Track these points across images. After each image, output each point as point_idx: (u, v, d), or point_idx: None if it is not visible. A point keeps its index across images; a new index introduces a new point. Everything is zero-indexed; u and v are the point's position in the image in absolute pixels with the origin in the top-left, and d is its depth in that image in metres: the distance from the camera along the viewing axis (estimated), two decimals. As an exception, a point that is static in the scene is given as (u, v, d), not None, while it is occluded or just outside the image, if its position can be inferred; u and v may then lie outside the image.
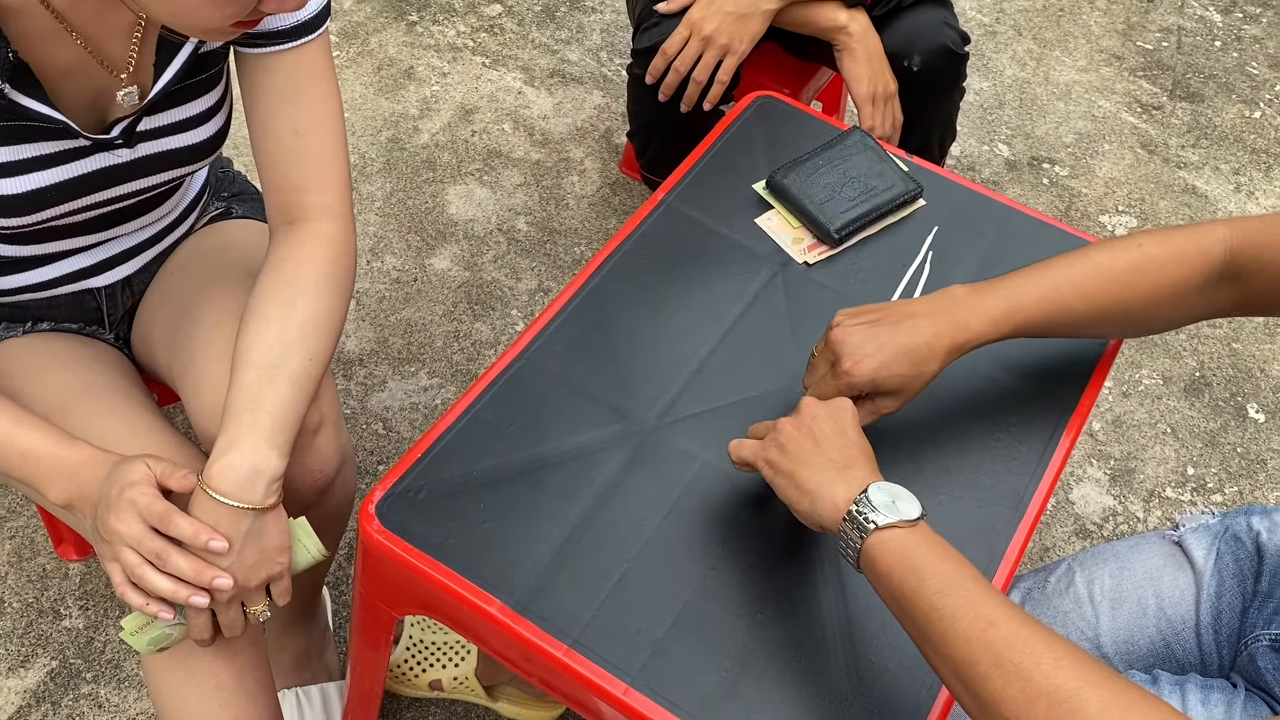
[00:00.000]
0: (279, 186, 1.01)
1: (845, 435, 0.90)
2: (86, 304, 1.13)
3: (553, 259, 1.98)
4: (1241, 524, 1.10)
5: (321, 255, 0.98)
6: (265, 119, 0.99)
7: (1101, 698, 0.68)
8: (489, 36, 2.35)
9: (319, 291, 0.97)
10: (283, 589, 0.96)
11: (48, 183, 0.93)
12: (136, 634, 0.94)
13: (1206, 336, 2.02)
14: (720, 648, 0.89)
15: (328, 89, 1.01)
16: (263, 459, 0.90)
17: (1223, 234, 0.99)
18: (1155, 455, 1.84)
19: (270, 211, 1.03)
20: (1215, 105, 2.45)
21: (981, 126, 2.33)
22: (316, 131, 0.99)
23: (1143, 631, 1.08)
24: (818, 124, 1.31)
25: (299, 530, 0.97)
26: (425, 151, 2.12)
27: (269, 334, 0.94)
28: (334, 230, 1.00)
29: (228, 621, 0.94)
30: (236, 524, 0.90)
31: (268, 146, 1.00)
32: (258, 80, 0.99)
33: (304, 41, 0.98)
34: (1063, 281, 0.99)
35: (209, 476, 0.90)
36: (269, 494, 0.91)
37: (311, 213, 1.00)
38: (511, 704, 1.40)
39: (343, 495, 1.15)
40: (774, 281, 1.15)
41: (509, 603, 0.90)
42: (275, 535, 0.93)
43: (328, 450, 1.07)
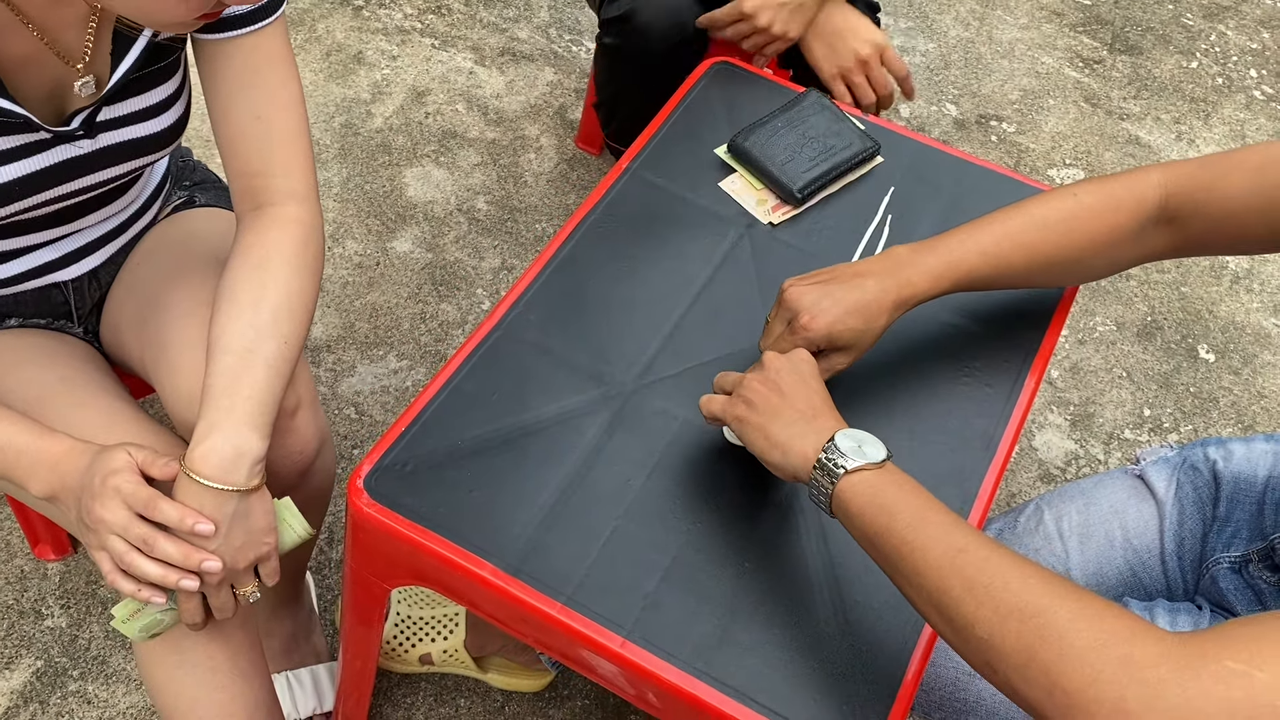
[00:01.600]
0: (243, 172, 1.00)
1: (808, 385, 0.92)
2: (54, 298, 1.12)
3: (514, 237, 1.98)
4: (1199, 454, 1.15)
5: (290, 239, 0.99)
6: (226, 105, 0.99)
7: (1070, 609, 0.70)
8: (436, 18, 2.35)
9: (290, 274, 0.98)
10: (271, 569, 0.97)
11: (9, 178, 0.93)
12: (128, 621, 0.95)
13: (1156, 282, 2.07)
14: (711, 597, 0.92)
15: (288, 73, 1.01)
16: (244, 441, 0.91)
17: (1157, 179, 1.02)
18: (1113, 399, 1.89)
19: (235, 198, 1.02)
20: (1154, 57, 2.51)
21: (929, 87, 2.37)
22: (278, 115, 0.99)
23: (1111, 563, 1.13)
24: (774, 87, 1.33)
25: (284, 511, 0.98)
26: (379, 135, 2.11)
27: (242, 319, 0.94)
28: (301, 213, 1.01)
29: (218, 604, 0.95)
30: (221, 507, 0.91)
31: (230, 132, 1.00)
32: (217, 67, 0.98)
33: (261, 26, 0.98)
34: (1001, 236, 1.03)
35: (191, 461, 0.90)
36: (252, 476, 0.92)
37: (277, 197, 1.00)
38: (501, 674, 1.42)
39: (323, 477, 1.16)
40: (741, 243, 1.17)
41: (501, 566, 0.92)
42: (261, 516, 0.94)
43: (307, 432, 1.07)
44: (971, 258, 1.02)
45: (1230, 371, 1.96)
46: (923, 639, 0.91)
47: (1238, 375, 1.95)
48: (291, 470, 1.09)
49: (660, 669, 0.88)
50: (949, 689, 1.03)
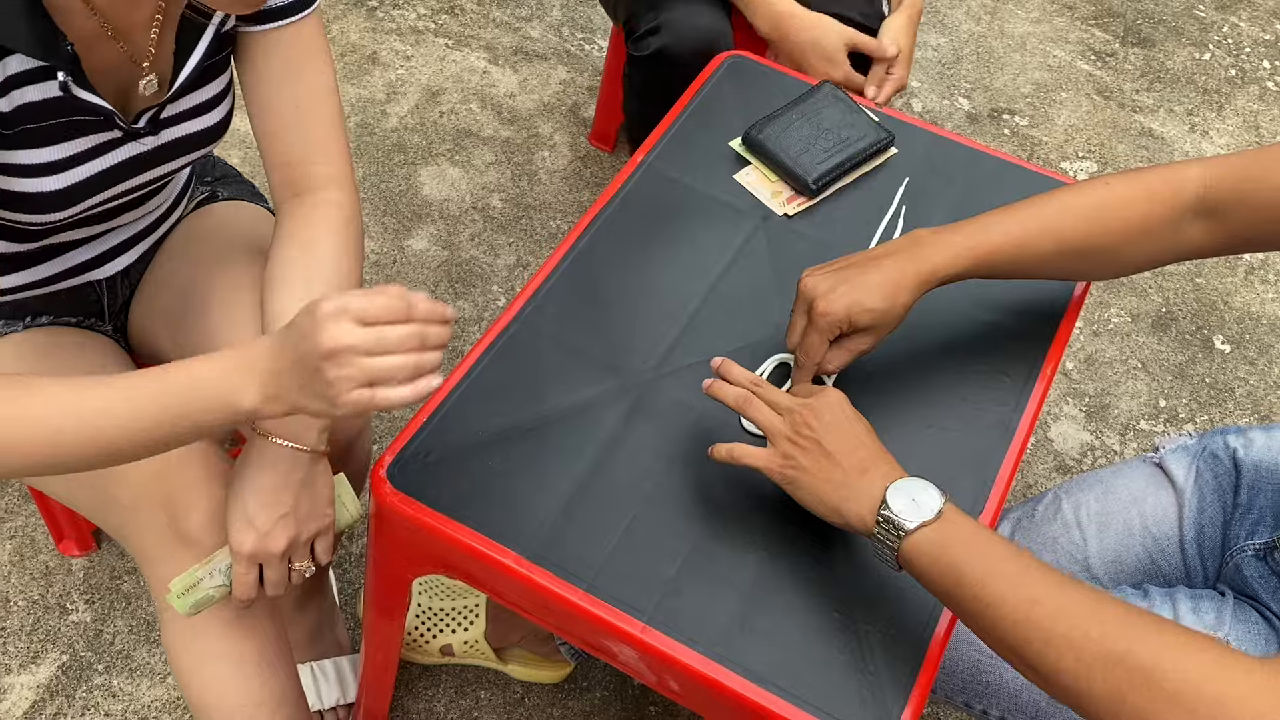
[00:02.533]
0: (284, 162, 1.03)
1: (849, 432, 0.90)
2: (88, 296, 1.14)
3: (529, 234, 2.00)
4: (1218, 443, 1.15)
5: (333, 221, 1.01)
6: (267, 96, 1.01)
7: (1152, 649, 0.70)
8: (450, 18, 2.36)
9: (337, 255, 1.00)
10: (327, 545, 0.99)
11: (83, 177, 0.95)
12: (183, 596, 0.96)
13: (1171, 273, 2.07)
14: (730, 583, 0.93)
15: (324, 62, 1.03)
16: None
17: (1195, 173, 0.99)
18: (1128, 390, 1.89)
19: (275, 187, 1.04)
20: (1166, 49, 2.50)
21: (941, 81, 2.37)
22: (317, 105, 1.01)
23: (1129, 550, 1.13)
24: (788, 80, 1.34)
25: (340, 487, 1.01)
26: (395, 135, 2.13)
27: (295, 297, 0.96)
28: (342, 198, 1.03)
29: (274, 578, 0.97)
30: (295, 469, 0.94)
31: (270, 124, 1.02)
32: (257, 59, 1.01)
33: (301, 17, 1.00)
34: (1028, 219, 1.01)
35: (266, 426, 0.93)
36: (320, 441, 0.95)
37: (318, 183, 1.02)
38: (521, 665, 1.43)
39: (362, 456, 1.19)
40: (756, 234, 1.18)
41: (524, 553, 0.93)
42: (324, 486, 0.97)
43: None
44: (995, 238, 0.99)
45: (1246, 362, 1.95)
46: (942, 624, 0.92)
47: (1253, 366, 1.95)
48: (336, 446, 1.11)
49: (681, 654, 0.89)
50: (970, 672, 1.04)
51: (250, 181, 1.31)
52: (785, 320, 1.10)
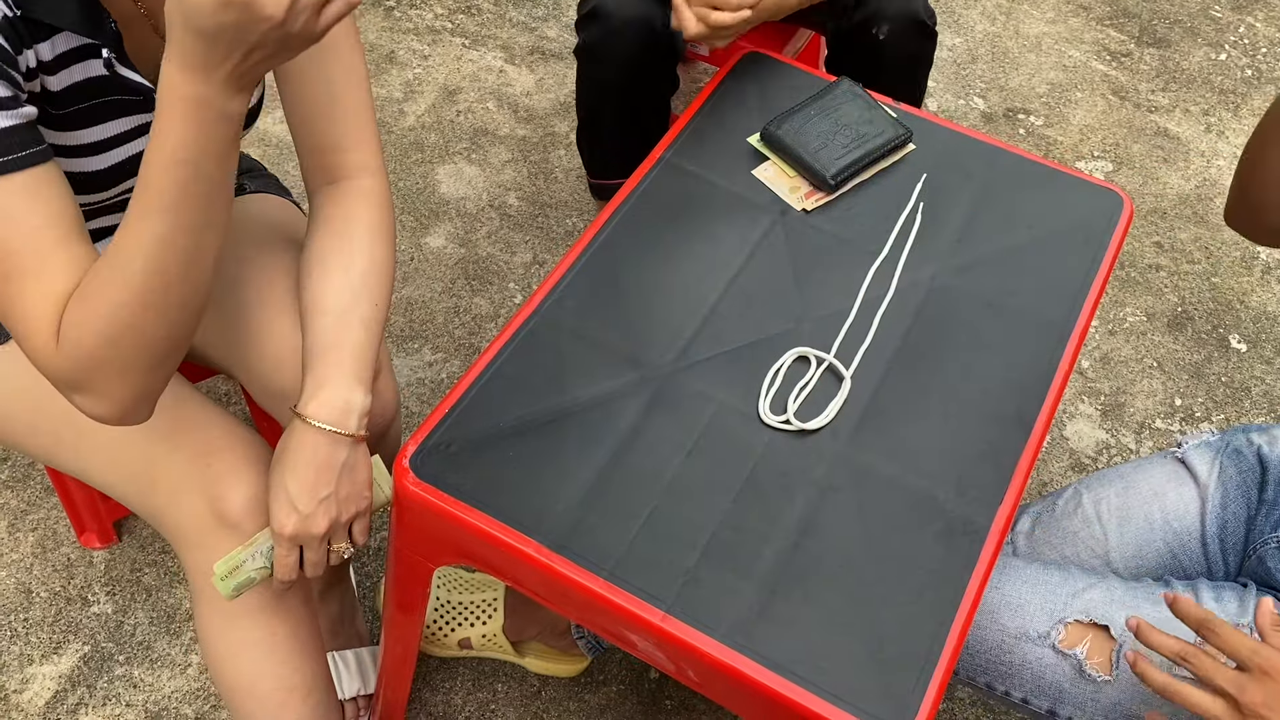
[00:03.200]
0: (318, 149, 1.04)
1: None
2: None
3: (545, 232, 2.01)
4: (1241, 440, 1.15)
5: (368, 208, 1.03)
6: (300, 84, 1.02)
7: None
8: (466, 18, 2.37)
9: (372, 241, 1.02)
10: (364, 526, 1.01)
11: (126, 156, 0.96)
12: (226, 578, 0.98)
13: (1186, 272, 2.07)
14: (749, 573, 0.93)
15: (356, 47, 1.04)
16: (352, 393, 0.96)
17: None
18: (1144, 389, 1.89)
19: (307, 174, 1.06)
20: (1182, 49, 2.50)
21: (956, 81, 2.37)
22: (349, 92, 1.03)
23: (1150, 545, 1.13)
24: (805, 76, 1.35)
25: (377, 471, 1.03)
26: (412, 134, 2.14)
27: (335, 282, 0.99)
28: (374, 185, 1.05)
29: (314, 559, 0.98)
30: (336, 453, 0.95)
31: (304, 111, 1.03)
32: None
33: None
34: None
35: (307, 410, 0.95)
36: (360, 426, 0.97)
37: (352, 170, 1.04)
38: (539, 659, 1.43)
39: (395, 441, 1.22)
40: (774, 229, 1.19)
41: (545, 542, 0.93)
42: (363, 469, 0.99)
43: (387, 394, 1.12)
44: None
45: (1263, 361, 1.95)
46: (961, 614, 0.92)
47: (1270, 365, 1.95)
48: (373, 430, 1.13)
49: (700, 642, 0.89)
50: (994, 652, 1.04)
51: (274, 175, 1.32)
52: (803, 314, 1.11)
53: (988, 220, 1.22)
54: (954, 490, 1.00)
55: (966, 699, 1.52)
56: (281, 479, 0.95)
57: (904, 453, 1.02)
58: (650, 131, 1.65)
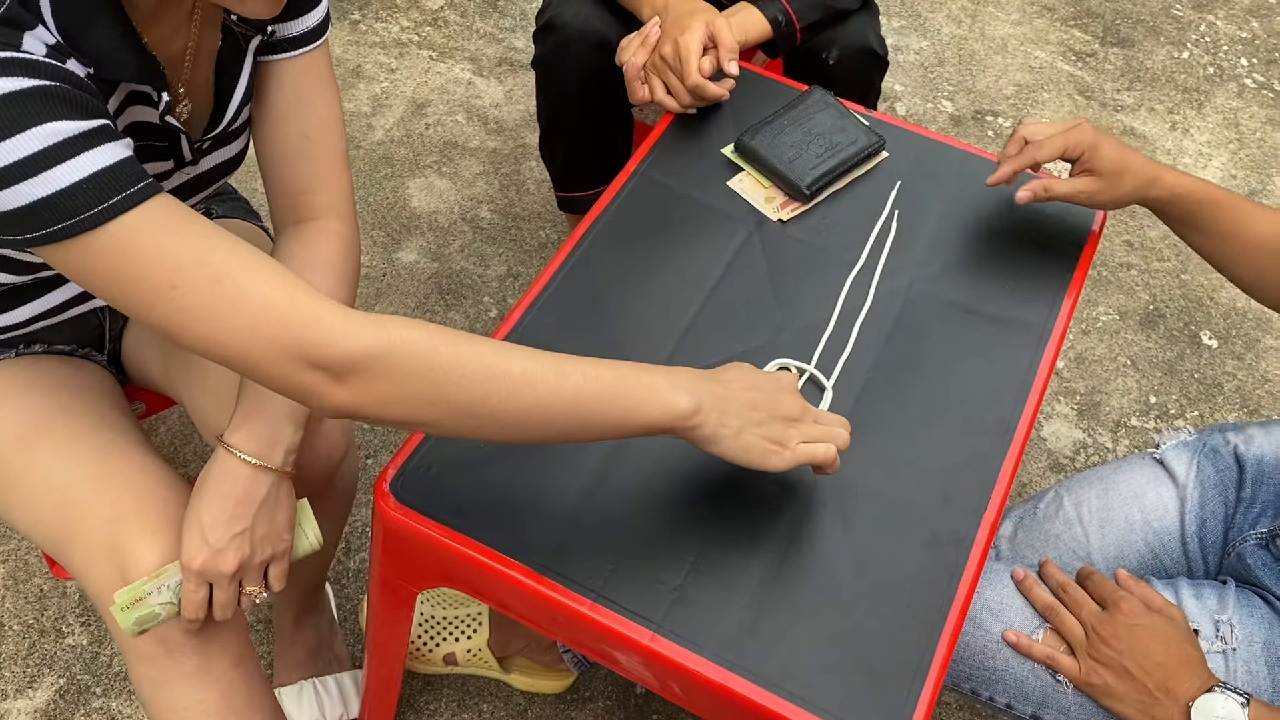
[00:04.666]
0: (289, 190, 1.03)
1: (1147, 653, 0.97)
2: (89, 323, 1.13)
3: (519, 244, 1.99)
4: (1218, 439, 1.16)
5: (331, 249, 1.02)
6: (275, 125, 1.01)
7: None
8: (434, 30, 2.36)
9: (332, 282, 1.00)
10: (280, 572, 0.97)
11: None
12: (127, 609, 0.93)
13: (1157, 270, 2.09)
14: (738, 589, 0.93)
15: (333, 93, 1.04)
16: (281, 428, 0.93)
17: None
18: (1118, 387, 1.91)
19: (276, 213, 1.05)
20: (1145, 48, 2.53)
21: (924, 84, 2.38)
22: (323, 135, 1.02)
23: (1131, 545, 1.14)
24: (778, 86, 1.35)
25: (302, 515, 1.00)
26: (381, 148, 2.12)
27: None
28: (342, 229, 1.03)
29: (223, 600, 0.94)
30: (257, 487, 0.92)
31: (277, 151, 1.02)
32: (268, 88, 1.01)
33: (313, 48, 1.01)
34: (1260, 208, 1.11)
35: (231, 440, 0.92)
36: (286, 462, 0.94)
37: (320, 213, 1.03)
38: (524, 675, 1.42)
39: (348, 481, 1.17)
40: (751, 240, 1.19)
41: (530, 564, 0.92)
42: (285, 509, 0.95)
43: (335, 434, 1.09)
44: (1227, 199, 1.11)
45: (1234, 357, 1.97)
46: (950, 621, 0.92)
47: (1241, 360, 1.97)
48: (320, 472, 1.10)
49: (689, 661, 0.89)
50: (978, 658, 1.04)
51: (245, 199, 1.31)
52: (783, 325, 1.11)
53: (962, 226, 1.22)
54: (938, 499, 1.00)
55: (952, 703, 1.52)
56: (196, 509, 0.92)
57: (887, 463, 1.02)
58: (614, 143, 1.65)
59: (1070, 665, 1.00)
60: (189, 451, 1.69)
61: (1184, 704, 0.93)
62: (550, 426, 0.84)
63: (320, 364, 0.77)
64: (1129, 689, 0.97)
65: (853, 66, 1.48)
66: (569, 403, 0.83)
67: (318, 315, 0.78)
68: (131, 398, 1.28)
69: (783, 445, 0.89)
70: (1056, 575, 1.06)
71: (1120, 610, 1.00)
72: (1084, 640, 1.00)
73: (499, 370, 0.81)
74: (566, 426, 0.84)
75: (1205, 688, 0.93)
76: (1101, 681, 0.98)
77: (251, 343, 0.77)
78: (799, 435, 0.90)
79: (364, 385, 0.78)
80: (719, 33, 1.28)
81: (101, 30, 0.81)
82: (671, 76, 1.28)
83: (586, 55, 1.49)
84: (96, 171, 0.74)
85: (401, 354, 0.78)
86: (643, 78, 1.31)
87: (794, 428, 0.90)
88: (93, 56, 0.80)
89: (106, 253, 0.76)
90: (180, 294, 0.76)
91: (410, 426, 0.83)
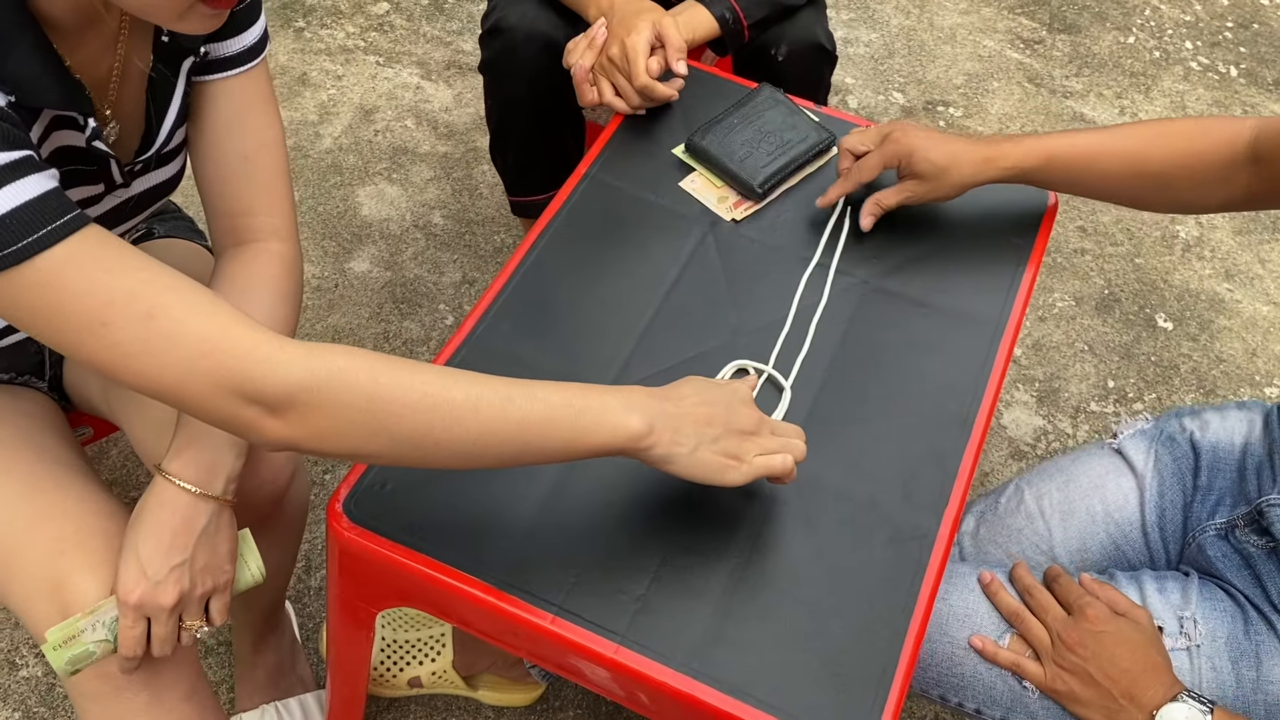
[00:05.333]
0: (228, 212, 1.01)
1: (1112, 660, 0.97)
2: (28, 349, 1.10)
3: (473, 249, 1.97)
4: (1175, 426, 1.16)
5: (273, 270, 0.99)
6: (213, 146, 0.99)
7: None
8: (380, 35, 2.33)
9: (273, 303, 0.97)
10: (221, 605, 0.94)
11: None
12: (59, 649, 0.89)
13: (1111, 255, 2.10)
14: (703, 596, 0.92)
15: (272, 113, 1.02)
16: (221, 455, 0.90)
17: (1252, 123, 1.06)
18: (1076, 373, 1.92)
19: (216, 235, 1.03)
20: (1092, 34, 2.54)
21: (875, 77, 2.39)
22: (263, 156, 1.00)
23: (1094, 538, 1.14)
24: (727, 84, 1.34)
25: (244, 546, 0.97)
26: (330, 156, 2.09)
27: None
28: (284, 250, 1.01)
29: (161, 635, 0.90)
30: (197, 516, 0.89)
31: (215, 173, 1.00)
32: (204, 109, 0.99)
33: (250, 67, 0.99)
34: (1096, 136, 1.11)
35: (170, 468, 0.90)
36: (227, 490, 0.91)
37: (261, 234, 1.01)
38: (492, 691, 1.40)
39: (298, 505, 1.15)
40: (705, 241, 1.18)
41: (490, 580, 0.91)
42: (226, 540, 0.93)
43: (278, 460, 1.06)
44: (1064, 145, 1.10)
45: (1189, 338, 1.99)
46: (916, 619, 0.92)
47: (1196, 341, 1.99)
48: (265, 498, 1.07)
49: (655, 671, 0.87)
50: (945, 665, 1.04)
51: (189, 217, 1.28)
52: (739, 326, 1.10)
53: (915, 220, 1.21)
54: (900, 496, 0.99)
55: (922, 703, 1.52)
56: (134, 540, 0.89)
57: (848, 461, 1.01)
58: (565, 145, 1.63)
59: (1036, 671, 1.00)
60: (142, 473, 1.66)
61: (1149, 711, 0.93)
62: (498, 453, 0.82)
63: (256, 398, 0.75)
64: (1094, 695, 0.96)
65: (802, 62, 1.47)
66: (516, 427, 0.81)
67: (252, 348, 0.76)
68: (77, 423, 1.25)
69: (739, 460, 0.88)
70: (1024, 578, 1.05)
71: (1086, 617, 0.99)
72: (1049, 646, 1.00)
73: (442, 398, 0.79)
74: (516, 451, 0.82)
75: (1170, 695, 0.93)
76: (1067, 688, 0.98)
77: (187, 378, 0.75)
78: (755, 448, 0.89)
79: (301, 419, 0.76)
80: (666, 32, 1.27)
81: (21, 56, 0.78)
82: (620, 78, 1.27)
83: (534, 58, 1.47)
84: (20, 205, 0.72)
85: (338, 385, 0.76)
86: (591, 80, 1.29)
87: (750, 441, 0.89)
88: (13, 83, 0.77)
89: (33, 288, 0.73)
90: (112, 330, 0.74)
91: (353, 459, 0.82)
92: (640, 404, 0.85)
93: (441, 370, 0.81)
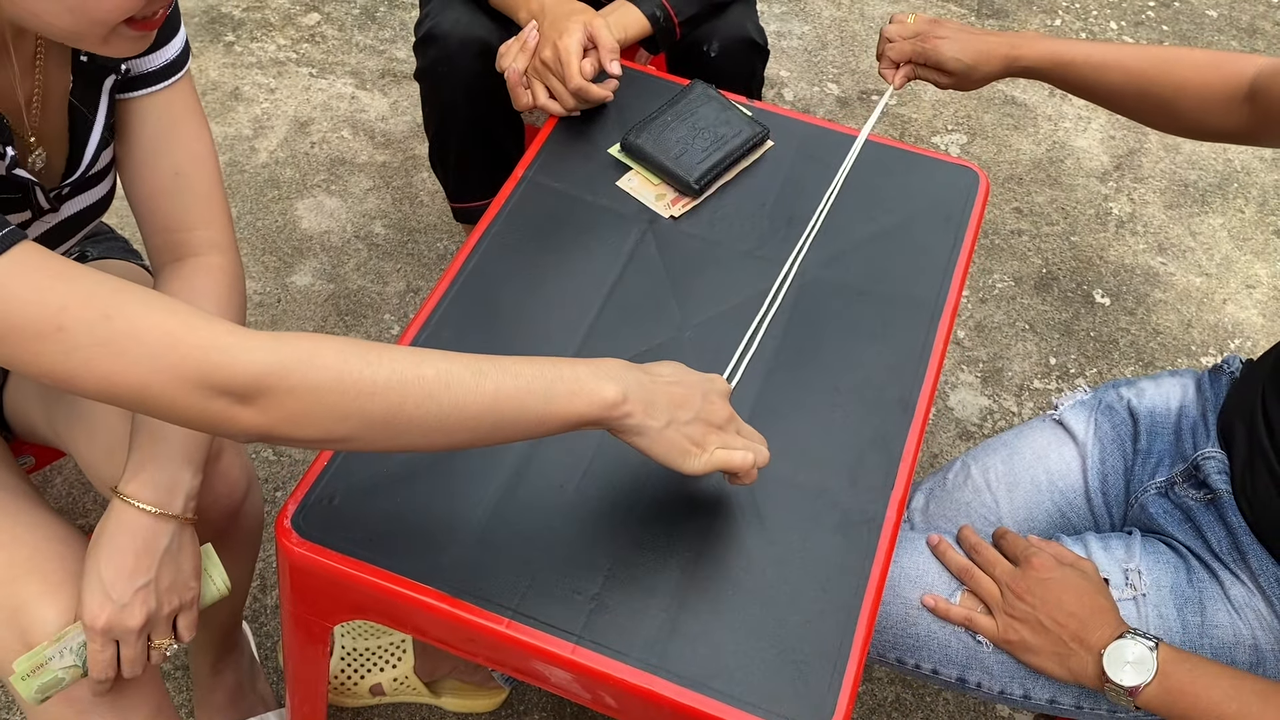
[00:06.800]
0: (163, 228, 1.00)
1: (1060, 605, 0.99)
2: None
3: (416, 258, 1.96)
4: (1112, 395, 1.19)
5: (214, 284, 0.98)
6: (143, 164, 0.98)
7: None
8: (311, 46, 2.31)
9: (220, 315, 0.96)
10: (189, 622, 0.94)
11: None
12: (27, 678, 0.89)
13: (1047, 234, 2.14)
14: (656, 592, 0.92)
15: (201, 125, 1.01)
16: (179, 473, 0.90)
17: (1262, 61, 1.12)
18: (1019, 351, 1.95)
19: (154, 253, 1.01)
20: (1019, 18, 2.59)
21: (809, 69, 2.41)
22: (196, 169, 0.99)
23: (1039, 506, 1.16)
24: (659, 82, 1.34)
25: (207, 560, 0.96)
26: (266, 170, 2.07)
27: None
28: (224, 262, 1.00)
29: (131, 656, 0.90)
30: (158, 536, 0.89)
31: (148, 190, 0.99)
32: (132, 126, 0.98)
33: (173, 81, 0.98)
34: (1109, 50, 1.20)
35: (128, 490, 0.89)
36: (187, 508, 0.91)
37: (200, 248, 1.00)
38: (455, 696, 1.40)
39: (253, 519, 1.14)
40: (645, 239, 1.18)
41: (443, 588, 0.91)
42: (189, 557, 0.92)
43: (233, 474, 1.05)
44: (1079, 53, 1.20)
45: (1125, 312, 2.03)
46: (867, 602, 0.93)
47: (1133, 315, 2.03)
48: (221, 514, 1.06)
49: (613, 669, 0.88)
50: (899, 626, 1.05)
51: (122, 237, 1.26)
52: (683, 322, 1.11)
53: (850, 209, 1.23)
54: (847, 482, 1.01)
55: (884, 677, 1.54)
56: (96, 564, 0.88)
57: (794, 450, 1.02)
58: (505, 149, 1.63)
59: (988, 624, 1.02)
60: (89, 500, 1.63)
61: (1097, 652, 0.95)
62: (473, 428, 0.80)
63: (225, 388, 0.74)
64: (1044, 642, 0.99)
65: (734, 58, 1.49)
66: (489, 401, 0.79)
67: (216, 338, 0.74)
68: (19, 452, 1.22)
69: (701, 448, 0.87)
70: (970, 538, 1.08)
71: (1032, 565, 1.02)
72: (999, 598, 1.02)
73: (412, 375, 0.77)
74: (491, 427, 0.80)
75: (1116, 634, 0.96)
76: (1018, 637, 1.00)
77: (152, 375, 0.73)
78: (719, 441, 0.88)
79: (272, 405, 0.74)
80: (598, 33, 1.27)
81: None
82: (554, 80, 1.27)
83: (470, 64, 1.47)
84: None
85: (306, 368, 0.75)
86: (525, 83, 1.29)
87: (715, 434, 0.88)
88: None
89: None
90: (70, 334, 0.72)
91: (326, 444, 0.80)
92: (615, 373, 0.83)
93: (411, 349, 0.80)
